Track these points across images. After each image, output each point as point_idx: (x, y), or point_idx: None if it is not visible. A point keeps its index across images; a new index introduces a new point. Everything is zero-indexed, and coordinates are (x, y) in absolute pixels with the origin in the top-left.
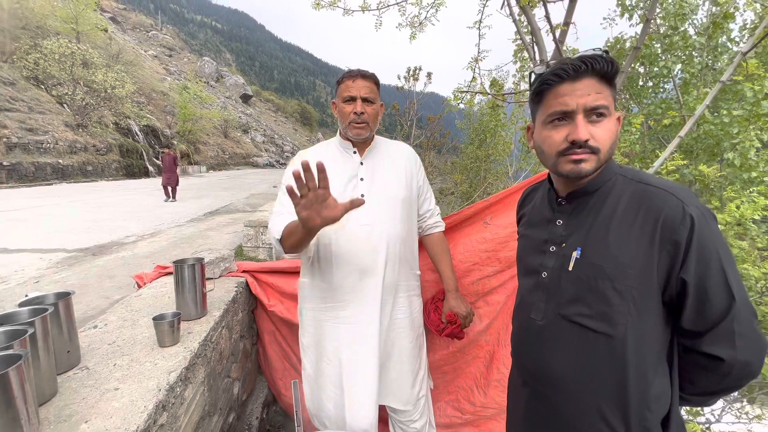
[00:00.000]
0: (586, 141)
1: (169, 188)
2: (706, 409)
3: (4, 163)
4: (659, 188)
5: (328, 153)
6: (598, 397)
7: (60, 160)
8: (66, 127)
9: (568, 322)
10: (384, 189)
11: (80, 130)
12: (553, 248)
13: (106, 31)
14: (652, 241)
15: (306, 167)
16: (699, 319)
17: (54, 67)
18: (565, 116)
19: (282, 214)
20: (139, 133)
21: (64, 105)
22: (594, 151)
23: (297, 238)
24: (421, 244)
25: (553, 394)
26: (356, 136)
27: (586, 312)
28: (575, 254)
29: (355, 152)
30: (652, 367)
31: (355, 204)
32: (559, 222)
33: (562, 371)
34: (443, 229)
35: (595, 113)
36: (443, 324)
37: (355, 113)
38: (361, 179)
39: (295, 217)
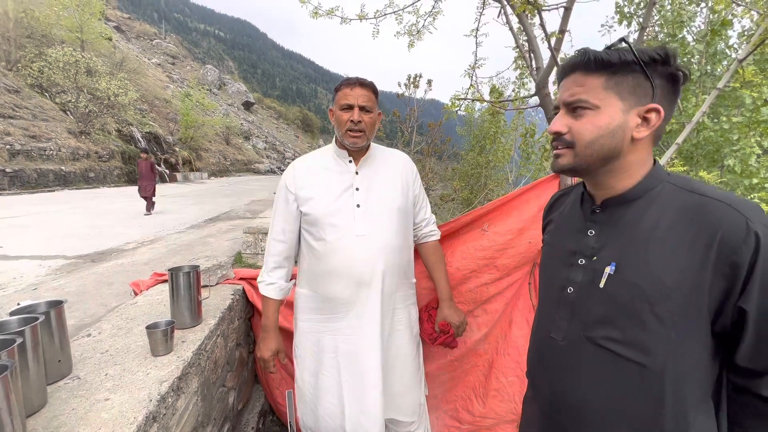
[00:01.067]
0: (558, 134)
1: (150, 199)
2: None
3: (7, 170)
4: (718, 200)
5: (324, 161)
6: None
7: (62, 167)
8: (69, 134)
9: (593, 345)
10: (380, 199)
11: (83, 137)
12: (582, 261)
13: (111, 39)
14: (705, 260)
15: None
16: (758, 357)
17: (58, 75)
18: (558, 111)
19: (279, 268)
20: (141, 140)
21: (68, 112)
22: (569, 145)
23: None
24: (416, 251)
25: (571, 425)
26: (352, 144)
27: (616, 336)
28: (608, 270)
29: (350, 161)
30: (694, 406)
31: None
32: (591, 232)
33: (582, 400)
34: (439, 237)
35: (573, 107)
36: (436, 333)
37: (352, 121)
38: (357, 189)
39: (287, 256)
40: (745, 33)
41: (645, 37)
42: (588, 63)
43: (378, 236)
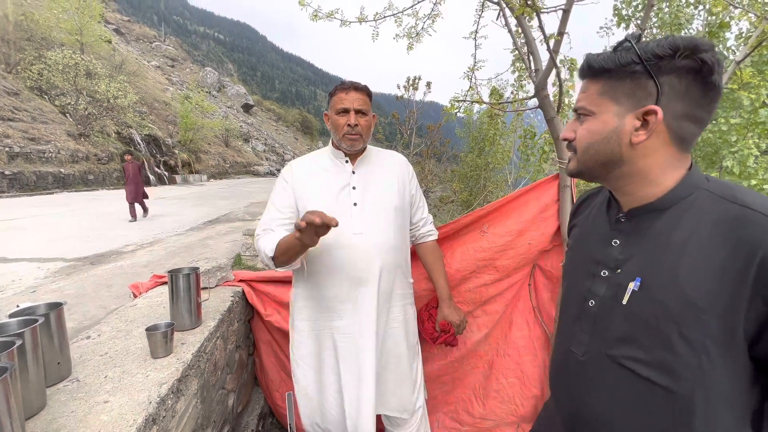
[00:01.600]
0: (566, 140)
1: (136, 205)
2: None
3: (6, 173)
4: (759, 213)
5: (321, 162)
6: None
7: (62, 169)
8: (68, 136)
9: (615, 363)
10: (377, 198)
11: (82, 139)
12: (605, 273)
13: (110, 42)
14: (743, 281)
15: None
16: None
17: (58, 77)
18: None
19: (270, 231)
20: (140, 142)
21: (67, 115)
22: (575, 150)
23: (291, 255)
24: (415, 252)
25: None
26: (350, 147)
27: (640, 357)
28: (632, 285)
29: (347, 161)
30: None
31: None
32: (615, 242)
33: (602, 419)
34: (436, 237)
35: (578, 113)
36: (437, 332)
37: (349, 125)
38: (354, 188)
39: (282, 234)
40: (743, 35)
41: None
42: (585, 70)
43: (375, 234)
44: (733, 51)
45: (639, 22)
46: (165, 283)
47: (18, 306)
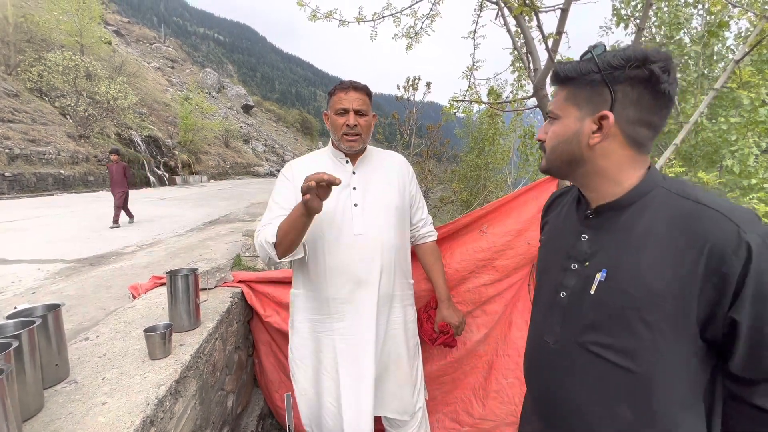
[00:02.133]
0: (539, 141)
1: (120, 209)
2: None
3: (6, 174)
4: (709, 207)
5: (321, 162)
6: None
7: (62, 171)
8: (68, 137)
9: (584, 350)
10: (377, 198)
11: (82, 140)
12: (575, 266)
13: (110, 43)
14: (695, 270)
15: (329, 183)
16: (752, 367)
17: (58, 79)
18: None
19: (270, 225)
20: (140, 143)
21: (67, 116)
22: (545, 150)
23: (295, 234)
24: (414, 253)
25: (561, 424)
26: (349, 148)
27: (605, 342)
28: (599, 276)
29: (347, 162)
30: (683, 408)
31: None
32: (584, 237)
33: (572, 401)
34: (435, 238)
35: (549, 117)
36: (436, 334)
37: (348, 125)
38: (354, 188)
39: (279, 221)
40: (742, 34)
41: (643, 39)
42: (554, 77)
43: (376, 235)
44: (732, 50)
45: (638, 21)
46: (164, 284)
47: (15, 308)
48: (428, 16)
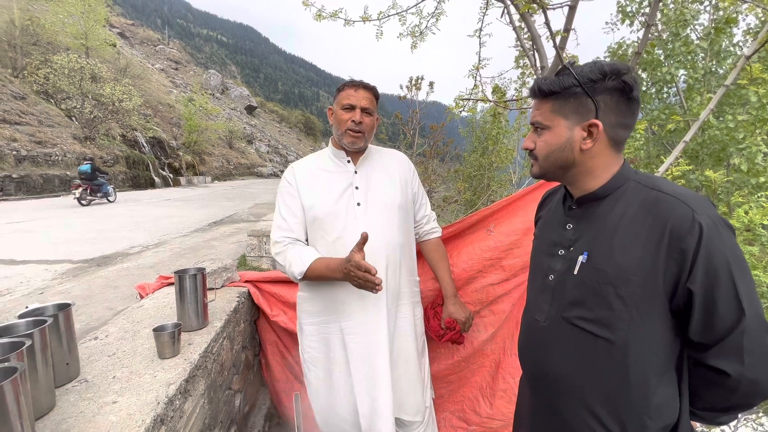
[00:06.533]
0: (527, 149)
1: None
2: None
3: (14, 176)
4: (670, 195)
5: (322, 163)
6: (594, 399)
7: (68, 172)
8: (74, 139)
9: (569, 324)
10: (380, 196)
11: (88, 142)
12: (561, 252)
13: (115, 46)
14: (659, 249)
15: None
16: (706, 332)
17: (63, 81)
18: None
19: (293, 241)
20: (145, 144)
21: (73, 118)
22: (535, 157)
23: (320, 280)
24: (419, 251)
25: (551, 394)
26: (351, 144)
27: (587, 316)
28: (581, 258)
29: (348, 161)
30: (656, 376)
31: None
32: (569, 226)
33: (559, 372)
34: (440, 234)
35: (535, 127)
36: (442, 330)
37: (353, 121)
38: (356, 188)
39: (305, 246)
40: (750, 30)
41: (650, 35)
42: (536, 91)
43: (380, 233)
44: (740, 47)
45: (644, 18)
46: (171, 283)
47: (27, 307)
48: (434, 15)
